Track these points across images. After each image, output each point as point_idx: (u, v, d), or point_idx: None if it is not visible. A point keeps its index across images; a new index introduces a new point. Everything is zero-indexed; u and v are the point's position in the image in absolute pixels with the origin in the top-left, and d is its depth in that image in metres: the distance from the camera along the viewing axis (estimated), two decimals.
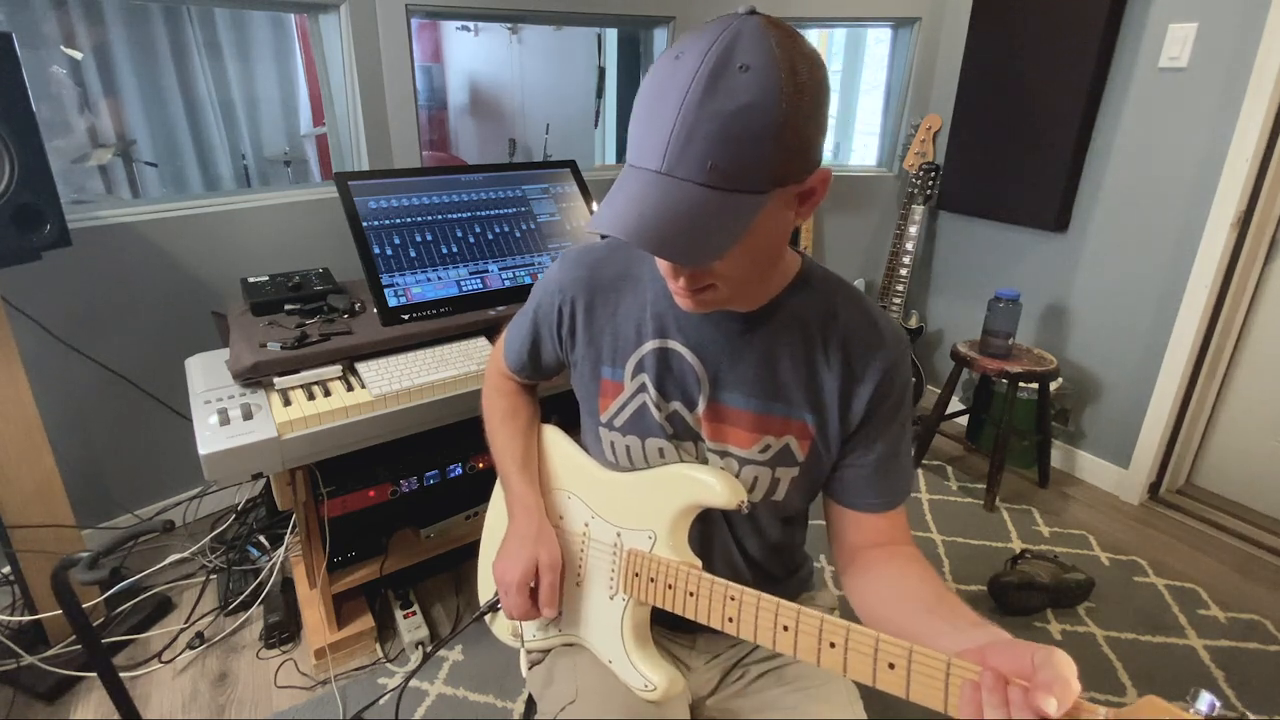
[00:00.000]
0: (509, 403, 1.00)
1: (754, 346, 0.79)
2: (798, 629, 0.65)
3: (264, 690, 1.55)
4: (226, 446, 1.22)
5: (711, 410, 0.81)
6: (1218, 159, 1.96)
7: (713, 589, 0.72)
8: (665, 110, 0.58)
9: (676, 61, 0.59)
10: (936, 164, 2.65)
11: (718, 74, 0.57)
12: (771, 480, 0.81)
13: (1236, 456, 2.24)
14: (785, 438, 0.80)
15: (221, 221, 1.92)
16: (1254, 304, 2.12)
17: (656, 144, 0.59)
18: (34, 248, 1.32)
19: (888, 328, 0.79)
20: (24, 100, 1.26)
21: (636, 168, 0.62)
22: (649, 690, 0.80)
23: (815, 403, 0.79)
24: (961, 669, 0.54)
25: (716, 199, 0.59)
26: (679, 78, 0.58)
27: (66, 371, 1.78)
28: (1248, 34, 1.87)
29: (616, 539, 0.84)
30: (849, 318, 0.78)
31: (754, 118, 0.57)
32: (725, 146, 0.57)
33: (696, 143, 0.58)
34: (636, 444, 0.84)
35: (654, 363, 0.82)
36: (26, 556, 1.50)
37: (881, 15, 2.66)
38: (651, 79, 0.62)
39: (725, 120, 0.57)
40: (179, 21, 2.95)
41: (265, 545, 1.92)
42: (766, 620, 0.67)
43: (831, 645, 0.62)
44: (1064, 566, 1.82)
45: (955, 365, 2.34)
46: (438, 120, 4.43)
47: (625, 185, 0.62)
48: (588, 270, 0.86)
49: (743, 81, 0.57)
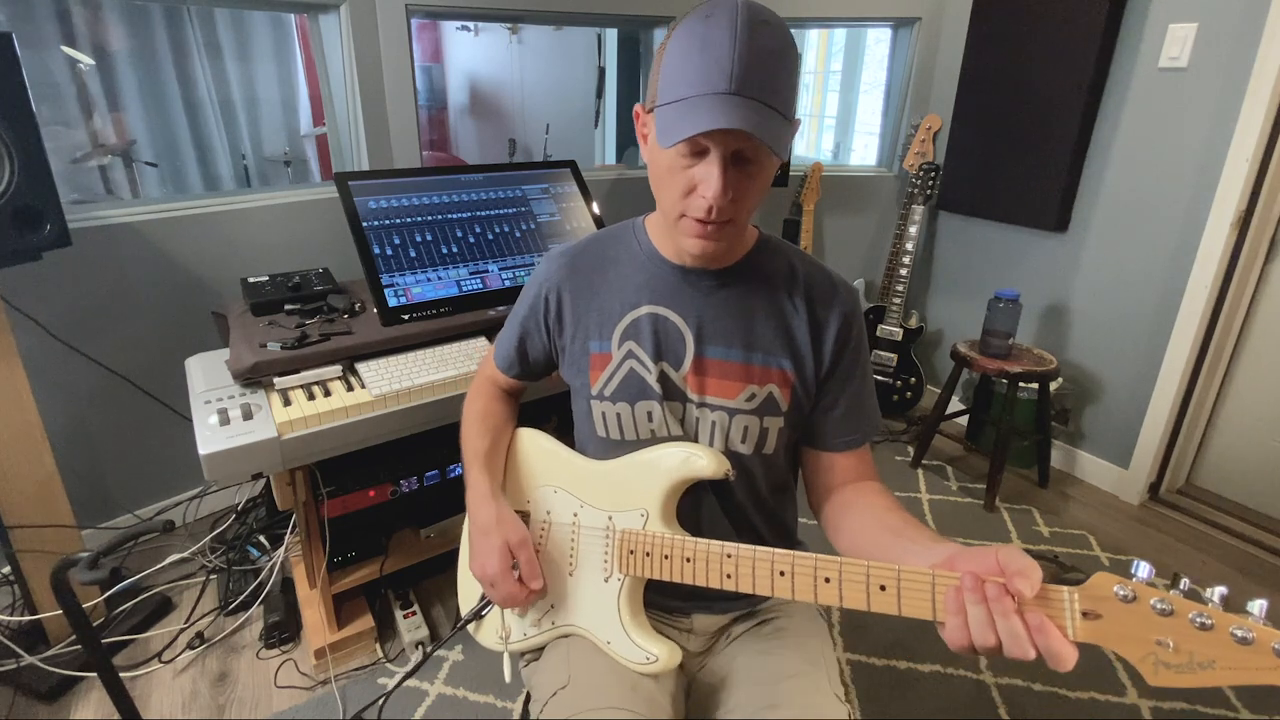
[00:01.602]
0: (486, 405, 1.03)
1: (730, 302, 0.87)
2: (794, 571, 0.70)
3: (264, 690, 1.55)
4: (226, 446, 1.22)
5: (697, 364, 0.87)
6: (1218, 159, 1.96)
7: (709, 550, 0.76)
8: (719, 49, 0.68)
9: (709, 19, 0.70)
10: (936, 164, 2.65)
11: (753, 23, 0.69)
12: (760, 430, 0.87)
13: (1236, 456, 2.24)
14: (768, 386, 0.86)
15: (221, 221, 1.92)
16: (1254, 304, 2.12)
17: (719, 73, 0.68)
18: (34, 248, 1.32)
19: (840, 281, 0.90)
20: (24, 100, 1.26)
21: (701, 95, 0.69)
22: (650, 662, 0.83)
23: (790, 349, 0.87)
24: (945, 579, 0.61)
25: (773, 114, 0.70)
26: (722, 25, 0.69)
27: (66, 371, 1.78)
28: (1248, 34, 1.87)
29: (608, 522, 0.87)
30: (807, 273, 0.89)
31: (788, 57, 0.72)
32: (776, 76, 0.70)
33: (754, 69, 0.69)
34: (626, 410, 0.89)
35: (638, 328, 0.88)
36: (26, 556, 1.50)
37: (881, 15, 2.66)
38: (689, 31, 0.71)
39: (771, 55, 0.70)
40: (179, 21, 2.95)
41: (265, 545, 1.92)
42: (764, 569, 0.72)
43: (826, 580, 0.68)
44: (1064, 566, 1.82)
45: (955, 365, 2.34)
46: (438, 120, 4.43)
47: (696, 105, 0.69)
48: (568, 259, 0.94)
49: (771, 30, 0.70)
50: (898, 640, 1.70)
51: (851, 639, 1.70)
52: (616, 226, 0.97)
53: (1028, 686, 1.58)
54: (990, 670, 1.62)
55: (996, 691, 1.57)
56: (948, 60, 2.60)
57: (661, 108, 0.74)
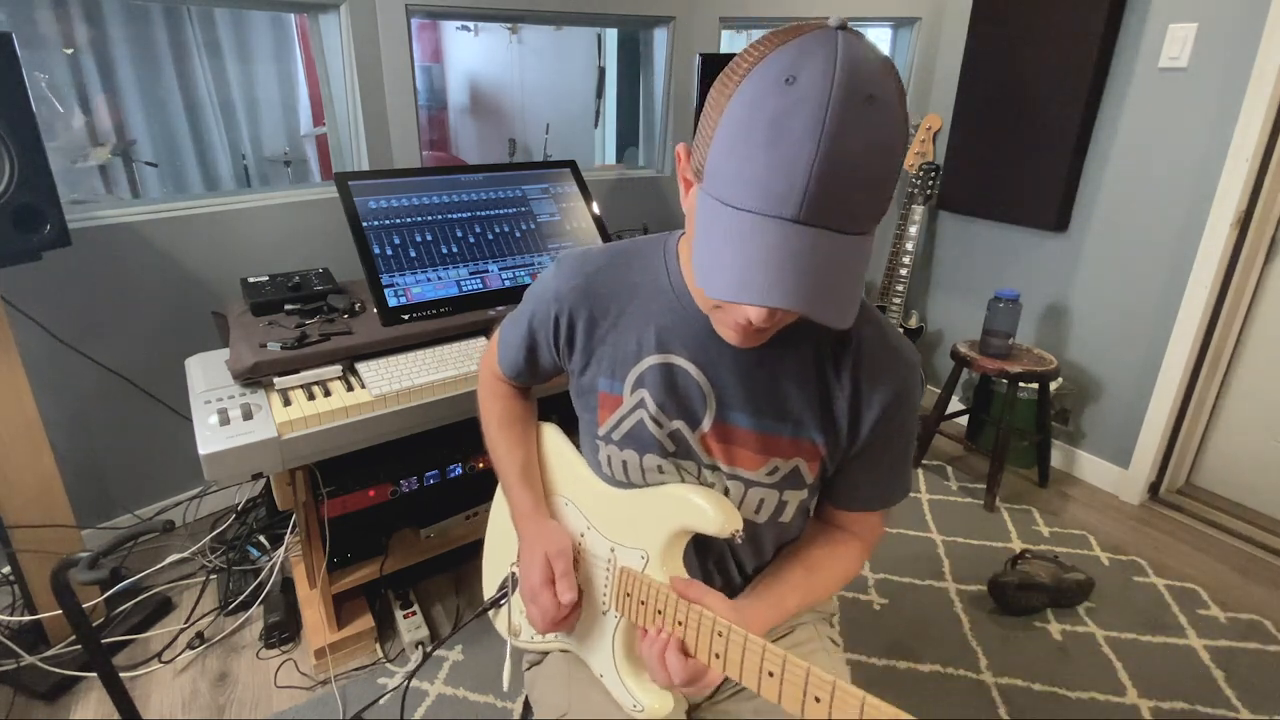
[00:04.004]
0: (505, 407, 0.98)
1: (764, 364, 0.75)
2: (783, 676, 0.63)
3: (264, 690, 1.55)
4: (226, 446, 1.22)
5: (718, 430, 0.78)
6: (1218, 159, 1.96)
7: (700, 621, 0.69)
8: (793, 148, 0.51)
9: (790, 87, 0.51)
10: (936, 164, 2.65)
11: (848, 106, 0.51)
12: (778, 503, 0.80)
13: (1236, 456, 2.24)
14: (794, 460, 0.78)
15: (221, 221, 1.92)
16: (1254, 304, 2.12)
17: (786, 189, 0.52)
18: (34, 248, 1.32)
19: (902, 350, 0.77)
20: (24, 100, 1.26)
21: (760, 215, 0.53)
22: (638, 710, 0.79)
23: (825, 422, 0.76)
24: None
25: (857, 245, 0.55)
26: (805, 109, 0.51)
27: (66, 371, 1.78)
28: (1247, 34, 1.87)
29: (610, 554, 0.83)
30: (864, 337, 0.75)
31: (889, 155, 0.53)
32: (865, 189, 0.53)
33: (838, 188, 0.52)
34: (634, 459, 0.81)
35: (656, 378, 0.78)
36: (26, 556, 1.50)
37: (881, 15, 2.66)
38: (757, 106, 0.53)
39: (865, 160, 0.52)
40: (179, 21, 2.95)
41: (265, 545, 1.92)
42: (752, 662, 0.65)
43: (816, 700, 0.60)
44: (1064, 566, 1.82)
45: (955, 365, 2.34)
46: (438, 120, 4.43)
47: (750, 239, 0.54)
48: (585, 279, 0.82)
49: (873, 116, 0.52)
50: (898, 640, 1.70)
51: (851, 639, 1.70)
52: (644, 243, 0.84)
53: (1028, 686, 1.58)
54: (990, 670, 1.62)
55: (996, 691, 1.57)
56: (948, 60, 2.60)
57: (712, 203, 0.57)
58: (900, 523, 2.17)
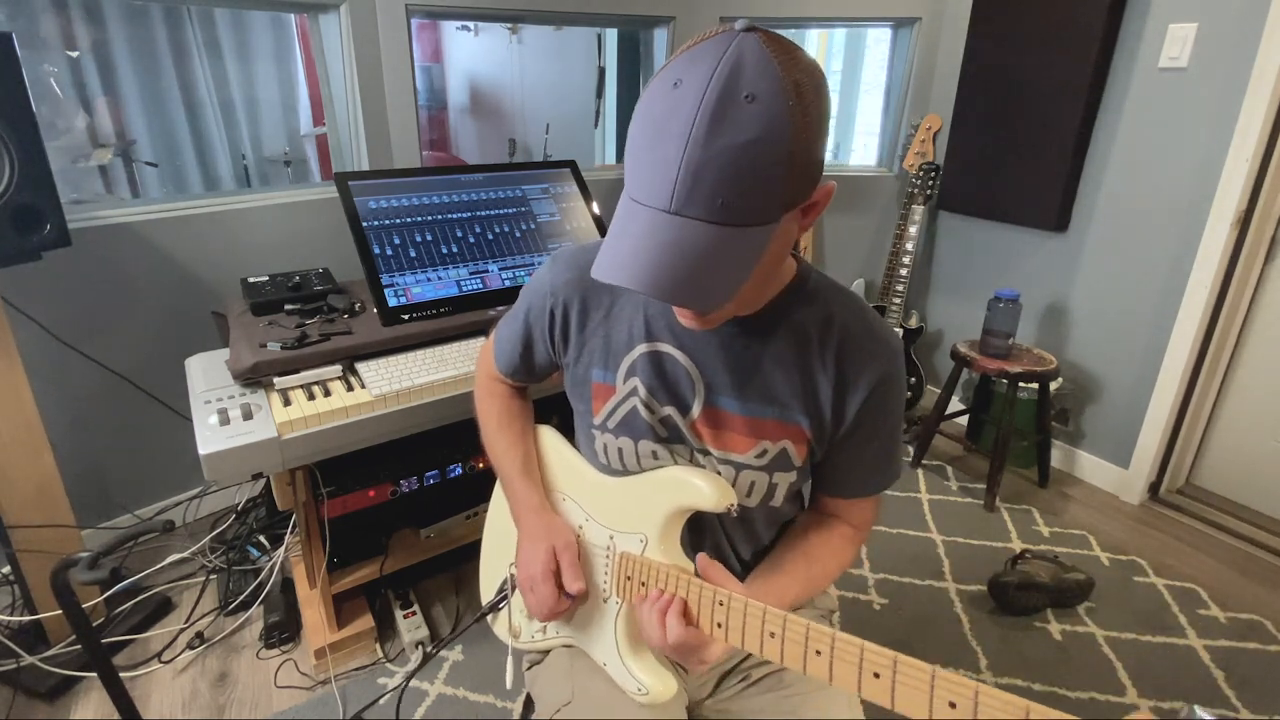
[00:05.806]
0: (503, 406, 0.99)
1: (750, 351, 0.78)
2: (784, 635, 0.64)
3: (264, 690, 1.55)
4: (226, 446, 1.22)
5: (708, 415, 0.80)
6: (1218, 159, 1.96)
7: (701, 594, 0.71)
8: (669, 146, 0.56)
9: (675, 90, 0.56)
10: (936, 164, 2.65)
11: (723, 105, 0.54)
12: (769, 485, 0.82)
13: (1236, 456, 2.24)
14: (782, 442, 0.80)
15: (221, 221, 1.92)
16: (1254, 304, 2.12)
17: (662, 182, 0.57)
18: (34, 248, 1.32)
19: (884, 336, 0.79)
20: (24, 100, 1.26)
21: (641, 204, 0.59)
22: (642, 694, 0.80)
23: (811, 407, 0.79)
24: (947, 682, 0.56)
25: (729, 236, 0.58)
26: (682, 110, 0.55)
27: (66, 371, 1.78)
28: (1248, 34, 1.86)
29: (610, 542, 0.84)
30: (846, 323, 0.78)
31: (764, 150, 0.55)
32: (737, 183, 0.55)
33: (706, 181, 0.55)
34: (629, 445, 0.84)
35: (646, 366, 0.81)
36: (26, 556, 1.50)
37: (881, 15, 2.66)
38: (649, 107, 0.58)
39: (734, 155, 0.54)
40: (179, 21, 2.95)
41: (265, 545, 1.92)
42: (754, 626, 0.67)
43: (817, 653, 0.62)
44: (1064, 566, 1.82)
45: (955, 365, 2.34)
46: (438, 120, 4.43)
47: (630, 225, 0.60)
48: (578, 272, 0.85)
49: (750, 113, 0.54)
50: (898, 640, 1.70)
51: None
52: None
53: (1028, 686, 1.58)
54: (990, 670, 1.62)
55: None
56: (948, 60, 2.60)
57: (623, 196, 0.63)
58: (900, 523, 2.17)
